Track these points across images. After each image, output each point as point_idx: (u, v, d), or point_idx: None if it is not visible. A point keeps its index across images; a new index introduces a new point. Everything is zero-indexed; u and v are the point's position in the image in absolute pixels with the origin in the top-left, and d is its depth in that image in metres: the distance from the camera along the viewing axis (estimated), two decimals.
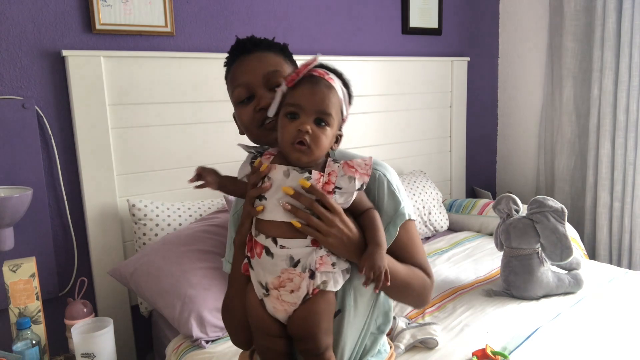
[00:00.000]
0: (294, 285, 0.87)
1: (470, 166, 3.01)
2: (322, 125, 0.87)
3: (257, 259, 0.89)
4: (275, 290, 0.88)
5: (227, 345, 1.46)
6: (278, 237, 0.87)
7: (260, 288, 0.90)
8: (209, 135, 1.99)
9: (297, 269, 0.87)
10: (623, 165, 2.41)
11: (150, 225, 1.79)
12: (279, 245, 0.87)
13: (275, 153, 0.92)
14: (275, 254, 0.87)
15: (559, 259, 1.74)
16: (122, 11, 1.78)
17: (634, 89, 2.33)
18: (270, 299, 0.90)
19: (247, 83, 0.99)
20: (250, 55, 1.01)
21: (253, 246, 0.91)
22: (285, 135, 0.87)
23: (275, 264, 0.87)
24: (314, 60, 0.90)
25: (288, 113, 0.88)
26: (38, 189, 1.66)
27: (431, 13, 2.67)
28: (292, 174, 0.87)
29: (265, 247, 0.88)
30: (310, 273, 0.87)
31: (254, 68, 1.00)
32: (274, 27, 2.16)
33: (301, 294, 0.87)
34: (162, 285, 1.56)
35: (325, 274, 0.88)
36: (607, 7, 2.36)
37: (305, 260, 0.87)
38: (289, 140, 0.87)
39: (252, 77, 0.99)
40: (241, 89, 1.00)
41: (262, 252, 0.88)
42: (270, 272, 0.88)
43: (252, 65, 1.00)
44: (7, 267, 1.39)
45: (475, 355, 1.37)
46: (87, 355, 1.34)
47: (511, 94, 2.98)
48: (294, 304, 0.88)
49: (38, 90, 1.69)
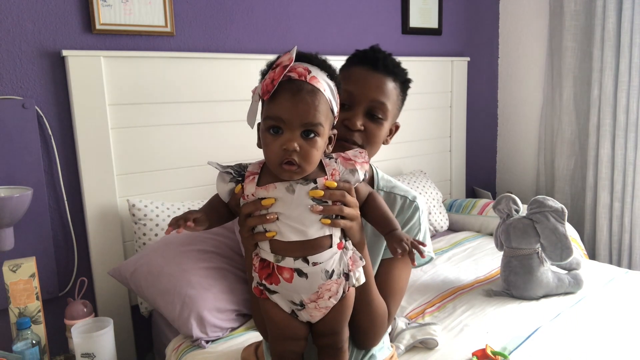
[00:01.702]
0: (331, 293, 0.85)
1: (470, 166, 3.01)
2: (310, 138, 0.80)
3: (286, 284, 0.84)
4: (312, 303, 0.86)
5: (227, 345, 1.46)
6: (309, 256, 0.82)
7: (292, 305, 0.87)
8: (209, 135, 1.98)
9: (333, 278, 0.84)
10: (623, 165, 2.41)
11: (150, 225, 1.79)
12: (312, 263, 0.82)
13: (258, 171, 0.85)
14: (309, 273, 0.83)
15: (559, 259, 1.74)
16: (122, 11, 1.78)
17: (634, 89, 2.33)
18: (306, 310, 0.87)
19: (355, 94, 1.00)
20: (375, 72, 1.03)
21: (275, 273, 0.84)
22: (270, 155, 0.80)
23: (311, 283, 0.83)
24: (290, 59, 0.78)
25: (270, 127, 0.79)
26: (38, 189, 1.66)
27: (431, 13, 2.67)
28: (297, 187, 0.81)
29: (297, 269, 0.83)
30: (345, 276, 0.86)
31: (369, 86, 1.01)
32: (274, 27, 2.16)
33: (339, 296, 0.86)
34: (162, 285, 1.55)
35: (357, 271, 0.87)
36: (607, 7, 2.36)
37: (339, 267, 0.85)
38: (276, 161, 0.79)
39: (362, 93, 1.00)
40: (346, 95, 0.99)
41: (292, 276, 0.83)
42: (307, 291, 0.84)
43: (371, 83, 1.02)
44: (7, 267, 1.39)
45: (475, 355, 1.37)
46: (87, 355, 1.34)
47: (511, 94, 2.98)
48: (330, 306, 0.87)
49: (38, 90, 1.69)
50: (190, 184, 1.97)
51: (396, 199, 1.07)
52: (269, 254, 0.84)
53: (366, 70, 1.03)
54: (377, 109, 1.01)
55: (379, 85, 1.02)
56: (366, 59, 1.05)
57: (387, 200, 1.06)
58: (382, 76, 1.03)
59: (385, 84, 1.02)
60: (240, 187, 0.83)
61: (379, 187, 1.08)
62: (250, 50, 2.09)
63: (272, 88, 0.77)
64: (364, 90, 1.01)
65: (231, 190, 0.85)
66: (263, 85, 0.78)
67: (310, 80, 0.79)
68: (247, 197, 0.83)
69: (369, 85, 1.01)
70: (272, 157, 0.80)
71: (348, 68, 1.06)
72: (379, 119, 1.02)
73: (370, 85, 1.02)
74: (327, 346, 0.92)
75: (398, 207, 1.06)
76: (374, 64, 1.04)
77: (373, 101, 1.01)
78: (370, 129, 1.02)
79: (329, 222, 0.82)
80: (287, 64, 0.77)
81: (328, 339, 0.91)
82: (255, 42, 2.11)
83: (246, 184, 0.83)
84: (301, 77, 0.79)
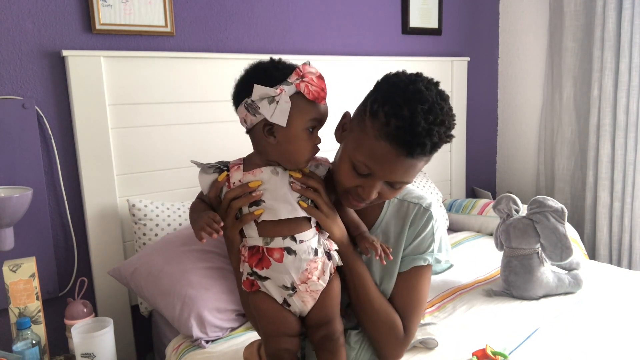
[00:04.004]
0: (319, 272, 0.93)
1: (470, 166, 3.01)
2: None
3: (277, 264, 0.91)
4: (303, 284, 0.92)
5: (227, 345, 1.46)
6: (295, 234, 0.91)
7: (284, 290, 0.93)
8: (209, 135, 1.99)
9: (319, 255, 0.93)
10: (623, 165, 2.41)
11: (150, 225, 1.79)
12: (299, 241, 0.91)
13: (241, 162, 0.96)
14: (297, 250, 0.91)
15: (559, 259, 1.73)
16: (122, 11, 1.78)
17: (634, 89, 2.33)
18: (298, 295, 0.93)
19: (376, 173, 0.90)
20: (410, 159, 0.87)
21: (266, 256, 0.91)
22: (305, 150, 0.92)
23: (301, 259, 0.91)
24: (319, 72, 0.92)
25: (312, 127, 0.92)
26: (38, 189, 1.66)
27: (431, 13, 2.67)
28: (279, 170, 0.93)
29: (286, 247, 0.91)
30: (327, 255, 0.95)
31: (396, 170, 0.89)
32: (274, 27, 2.16)
33: (327, 276, 0.94)
34: (162, 285, 1.55)
35: (335, 252, 0.96)
36: (607, 7, 2.35)
37: (320, 246, 0.94)
38: (307, 156, 0.93)
39: (386, 175, 0.90)
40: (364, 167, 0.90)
41: (282, 255, 0.91)
42: (296, 270, 0.91)
43: (399, 169, 0.89)
44: (7, 267, 1.39)
45: (475, 355, 1.37)
46: (87, 355, 1.34)
47: (511, 94, 2.98)
48: (320, 289, 0.94)
49: (38, 90, 1.69)
50: (190, 184, 1.97)
51: (409, 207, 1.07)
52: (257, 239, 0.92)
53: (397, 156, 0.86)
54: (399, 185, 0.94)
55: (406, 171, 0.90)
56: (404, 141, 0.85)
57: (399, 208, 1.07)
58: (416, 162, 0.89)
59: (416, 167, 0.90)
60: (225, 174, 0.94)
61: None
62: (250, 50, 2.09)
63: (325, 95, 0.90)
64: (386, 174, 0.90)
65: (214, 181, 0.94)
66: (313, 92, 0.88)
67: None
68: (233, 184, 0.93)
69: (395, 171, 0.89)
70: (306, 151, 0.92)
71: (379, 136, 0.86)
72: (398, 188, 0.95)
73: (396, 170, 0.89)
74: (324, 339, 0.95)
75: (412, 215, 1.05)
76: (411, 149, 0.85)
77: (396, 181, 0.92)
78: (384, 194, 0.95)
79: (305, 205, 0.93)
80: (318, 74, 0.90)
81: (323, 329, 0.94)
82: (255, 42, 2.11)
83: (232, 172, 0.94)
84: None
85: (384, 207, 1.09)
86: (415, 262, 1.05)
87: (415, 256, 1.05)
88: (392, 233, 1.07)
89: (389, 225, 1.07)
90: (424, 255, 1.05)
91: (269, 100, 0.87)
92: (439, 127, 0.86)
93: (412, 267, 1.05)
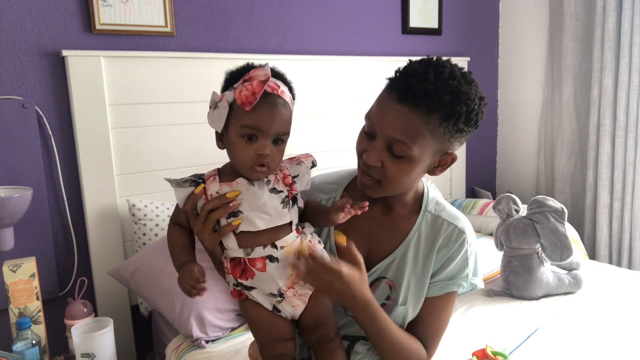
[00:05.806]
0: None
1: (470, 166, 3.01)
2: (279, 144, 0.89)
3: (261, 274, 0.89)
4: (290, 290, 0.90)
5: (227, 345, 1.46)
6: (276, 241, 0.89)
7: (272, 297, 0.91)
8: (209, 136, 1.97)
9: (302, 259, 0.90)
10: (623, 165, 2.41)
11: (150, 225, 1.79)
12: (279, 247, 0.89)
13: (216, 174, 0.92)
14: (280, 257, 0.88)
15: (559, 259, 1.73)
16: (122, 11, 1.78)
17: (634, 89, 2.33)
18: (287, 301, 0.91)
19: (374, 125, 0.90)
20: (399, 104, 0.85)
21: (248, 267, 0.89)
22: (243, 159, 0.87)
23: (284, 266, 0.89)
24: (267, 75, 0.84)
25: (246, 135, 0.86)
26: (38, 189, 1.66)
27: (431, 13, 2.67)
28: (255, 182, 0.89)
29: (268, 256, 0.88)
30: None
31: (386, 119, 0.87)
32: (274, 27, 2.16)
33: None
34: (162, 285, 1.55)
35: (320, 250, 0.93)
36: (607, 7, 2.35)
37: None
38: (249, 164, 0.87)
39: (380, 126, 0.89)
40: (369, 123, 0.92)
41: (265, 264, 0.88)
42: (281, 276, 0.89)
43: (388, 117, 0.87)
44: (7, 267, 1.39)
45: (475, 355, 1.37)
46: (87, 355, 1.34)
47: (511, 93, 2.98)
48: (309, 292, 0.92)
49: (38, 90, 1.69)
50: None
51: (443, 225, 1.03)
52: (237, 250, 0.90)
53: (389, 100, 0.87)
54: (397, 147, 0.88)
55: (396, 120, 0.86)
56: (397, 84, 0.87)
57: (433, 224, 1.03)
58: (406, 110, 0.85)
59: (407, 120, 0.85)
60: (202, 186, 0.90)
61: (426, 209, 1.04)
62: (250, 50, 2.09)
63: (254, 100, 0.83)
64: (380, 123, 0.89)
65: (190, 194, 0.90)
66: (242, 96, 0.83)
67: (281, 94, 0.87)
68: (210, 196, 0.89)
69: (386, 119, 0.87)
70: (245, 160, 0.87)
71: (386, 87, 0.91)
72: (399, 158, 0.89)
73: (387, 119, 0.87)
74: (320, 340, 0.94)
75: (444, 234, 1.02)
76: (402, 92, 0.85)
77: (390, 138, 0.88)
78: (387, 167, 0.90)
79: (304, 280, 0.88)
80: (264, 79, 0.83)
81: (318, 331, 0.93)
82: (255, 42, 2.11)
83: (209, 184, 0.90)
84: (274, 91, 0.86)
85: (417, 219, 1.03)
86: (449, 288, 1.02)
87: (449, 281, 1.02)
88: (422, 247, 1.02)
89: (421, 238, 1.02)
90: (458, 281, 1.02)
91: (213, 107, 0.89)
92: (442, 83, 0.84)
93: (446, 292, 1.03)
